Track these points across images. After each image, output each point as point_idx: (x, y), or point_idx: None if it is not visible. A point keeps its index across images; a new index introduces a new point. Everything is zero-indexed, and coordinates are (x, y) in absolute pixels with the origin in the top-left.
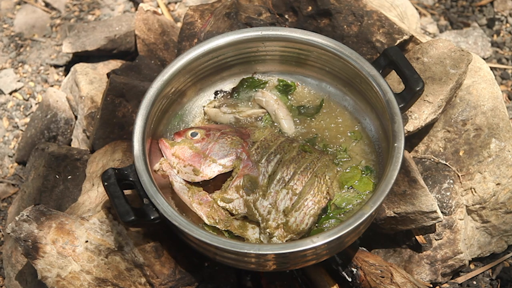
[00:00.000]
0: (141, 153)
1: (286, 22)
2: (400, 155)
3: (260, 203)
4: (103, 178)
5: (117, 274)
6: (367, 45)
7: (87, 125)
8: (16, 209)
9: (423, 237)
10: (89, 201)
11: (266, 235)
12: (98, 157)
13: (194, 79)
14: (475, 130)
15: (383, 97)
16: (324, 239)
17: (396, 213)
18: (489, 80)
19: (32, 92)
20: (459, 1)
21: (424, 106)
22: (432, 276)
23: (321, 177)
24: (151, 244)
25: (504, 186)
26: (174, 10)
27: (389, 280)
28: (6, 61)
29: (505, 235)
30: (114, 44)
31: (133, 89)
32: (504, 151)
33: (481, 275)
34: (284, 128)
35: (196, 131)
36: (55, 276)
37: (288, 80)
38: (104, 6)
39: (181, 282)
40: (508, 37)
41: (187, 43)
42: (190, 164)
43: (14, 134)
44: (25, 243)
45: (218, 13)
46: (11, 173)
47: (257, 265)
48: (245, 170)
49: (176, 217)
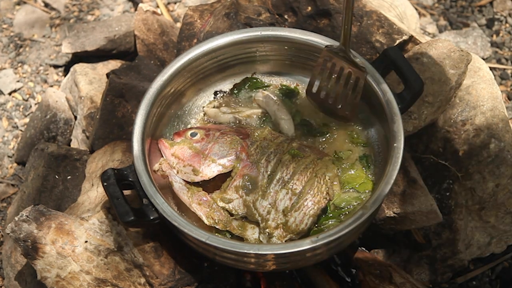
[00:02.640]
0: (141, 153)
1: (285, 23)
2: (399, 155)
3: (259, 203)
4: (103, 178)
5: (117, 274)
6: (366, 45)
7: (87, 125)
8: (16, 210)
9: (423, 237)
10: (88, 201)
11: (265, 235)
12: (97, 157)
13: (193, 79)
14: (475, 130)
15: (382, 97)
16: (324, 240)
17: (396, 213)
18: (488, 80)
19: (31, 92)
20: (459, 1)
21: (424, 106)
22: (432, 276)
23: (321, 177)
24: (150, 244)
25: (504, 186)
26: (174, 10)
27: (388, 280)
28: (5, 61)
29: (504, 235)
30: (114, 44)
31: (133, 89)
32: (503, 151)
33: (481, 275)
34: (284, 128)
35: (196, 131)
36: (55, 277)
37: (288, 81)
38: (103, 7)
39: (181, 282)
40: (507, 37)
41: (186, 43)
42: (190, 164)
43: (13, 134)
44: (24, 244)
45: (217, 13)
46: (10, 173)
47: (256, 265)
48: (244, 170)
49: (176, 217)
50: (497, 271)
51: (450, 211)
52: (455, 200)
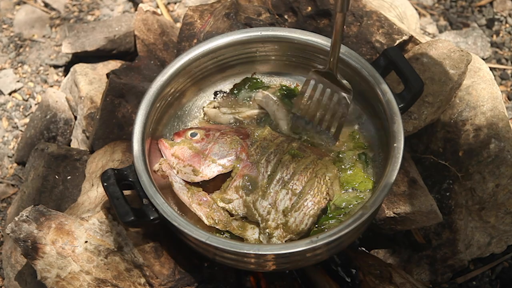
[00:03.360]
0: (141, 154)
1: (285, 23)
2: (399, 155)
3: (259, 203)
4: (103, 178)
5: (117, 274)
6: (366, 45)
7: (87, 125)
8: (16, 210)
9: (423, 237)
10: (88, 202)
11: (265, 235)
12: (97, 158)
13: (193, 80)
14: (475, 130)
15: (382, 98)
16: (324, 240)
17: (396, 214)
18: (488, 81)
19: (31, 92)
20: (459, 2)
21: (424, 107)
22: (432, 277)
23: (321, 178)
24: (150, 244)
25: (504, 186)
26: (174, 10)
27: (388, 280)
28: (5, 62)
29: (504, 235)
30: (114, 45)
31: (133, 90)
32: (503, 151)
33: (481, 276)
34: (283, 128)
35: (196, 131)
36: (55, 277)
37: (288, 81)
38: (103, 7)
39: (181, 283)
40: (507, 38)
41: (186, 44)
42: (190, 164)
43: (13, 135)
44: (24, 244)
45: (217, 13)
46: (10, 173)
47: (256, 266)
48: (244, 170)
49: (176, 218)
50: (497, 271)
51: (450, 211)
52: (455, 200)
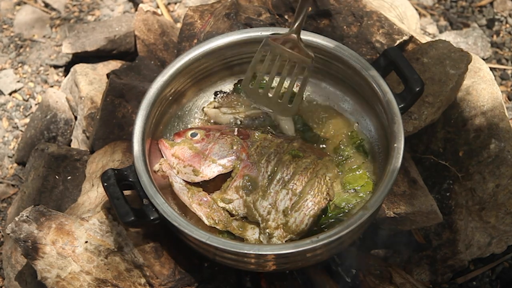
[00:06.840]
0: (141, 154)
1: (285, 23)
2: (400, 155)
3: (259, 204)
4: (103, 178)
5: (117, 274)
6: (366, 45)
7: (87, 125)
8: (16, 210)
9: (423, 238)
10: (88, 202)
11: (265, 235)
12: (97, 158)
13: (193, 80)
14: (475, 130)
15: (382, 98)
16: (324, 240)
17: (396, 214)
18: (488, 81)
19: (31, 92)
20: (459, 2)
21: (424, 107)
22: (432, 277)
23: (321, 178)
24: (150, 244)
25: (504, 186)
26: (174, 10)
27: (388, 280)
28: (5, 62)
29: (504, 235)
30: (114, 45)
31: (133, 90)
32: (503, 152)
33: (481, 276)
34: (284, 128)
35: (196, 131)
36: (55, 277)
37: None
38: (103, 7)
39: (181, 283)
40: (507, 38)
41: (186, 44)
42: (190, 165)
43: (13, 135)
44: (24, 244)
45: (217, 13)
46: (10, 173)
47: (256, 266)
48: (245, 170)
49: (176, 218)
50: (497, 272)
51: (450, 212)
52: (455, 200)
